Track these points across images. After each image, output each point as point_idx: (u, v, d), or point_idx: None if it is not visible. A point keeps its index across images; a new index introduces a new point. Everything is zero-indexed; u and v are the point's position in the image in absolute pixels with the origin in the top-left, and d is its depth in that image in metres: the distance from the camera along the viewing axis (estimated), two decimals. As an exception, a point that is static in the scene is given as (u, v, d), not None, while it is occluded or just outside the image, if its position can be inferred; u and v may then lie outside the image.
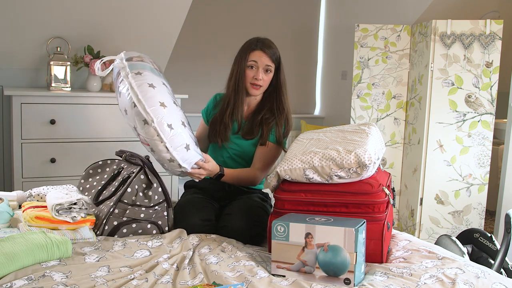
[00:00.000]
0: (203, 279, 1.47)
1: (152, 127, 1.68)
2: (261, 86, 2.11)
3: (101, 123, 3.09)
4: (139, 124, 1.70)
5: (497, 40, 3.21)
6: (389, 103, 3.63)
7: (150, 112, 1.68)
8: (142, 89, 1.72)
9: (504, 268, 2.28)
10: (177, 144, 1.74)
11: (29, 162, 2.95)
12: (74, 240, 1.68)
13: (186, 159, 1.79)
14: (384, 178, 1.81)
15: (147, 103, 1.69)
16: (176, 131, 1.73)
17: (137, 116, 1.70)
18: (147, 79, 1.76)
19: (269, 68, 2.09)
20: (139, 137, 1.78)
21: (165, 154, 1.74)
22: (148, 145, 1.75)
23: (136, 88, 1.72)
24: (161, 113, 1.70)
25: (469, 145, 3.30)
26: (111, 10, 3.12)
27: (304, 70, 5.30)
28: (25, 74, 3.29)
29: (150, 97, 1.71)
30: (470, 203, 3.34)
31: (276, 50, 2.12)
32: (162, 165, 1.84)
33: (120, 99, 1.79)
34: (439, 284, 1.44)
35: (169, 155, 1.74)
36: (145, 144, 1.77)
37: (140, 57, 1.90)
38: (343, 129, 2.02)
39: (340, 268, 1.44)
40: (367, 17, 4.37)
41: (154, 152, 1.76)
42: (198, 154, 1.85)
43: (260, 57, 2.08)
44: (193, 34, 4.58)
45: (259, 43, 2.10)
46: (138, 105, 1.69)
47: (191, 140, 1.82)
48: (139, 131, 1.73)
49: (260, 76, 2.08)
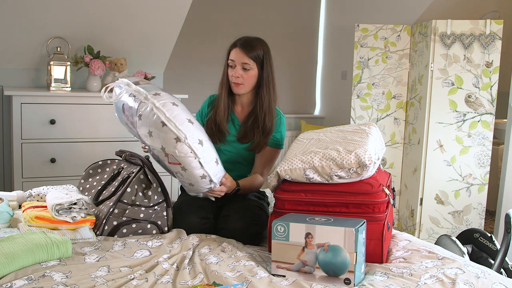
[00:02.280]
0: (203, 279, 1.47)
1: (185, 144, 1.66)
2: (242, 84, 2.09)
3: (101, 123, 3.09)
4: (170, 143, 1.66)
5: (497, 40, 3.21)
6: (389, 103, 3.63)
7: (182, 129, 1.66)
8: (167, 108, 1.68)
9: (504, 268, 2.28)
10: (209, 159, 1.75)
11: (29, 162, 2.95)
12: (74, 240, 1.68)
13: (216, 173, 1.80)
14: (384, 178, 1.81)
15: (176, 121, 1.66)
16: (206, 147, 1.73)
17: (167, 134, 1.66)
18: (168, 98, 1.73)
19: (247, 65, 2.06)
20: (167, 158, 1.74)
21: (198, 171, 1.73)
22: (179, 164, 1.72)
23: (161, 107, 1.68)
24: (191, 130, 1.68)
25: (469, 145, 3.30)
26: (111, 10, 3.12)
27: (304, 70, 5.30)
28: (25, 74, 3.29)
29: (177, 115, 1.68)
30: (470, 203, 3.34)
31: (259, 49, 2.08)
32: (188, 184, 1.84)
33: (141, 122, 1.73)
34: (439, 284, 1.44)
35: (203, 171, 1.74)
36: (175, 164, 1.73)
37: (143, 80, 1.90)
38: (343, 129, 2.02)
39: (340, 268, 1.44)
40: (367, 17, 4.37)
41: (185, 170, 1.74)
42: (223, 169, 1.87)
43: (237, 54, 2.07)
44: (193, 34, 4.58)
45: (240, 41, 2.09)
46: (168, 124, 1.65)
47: (217, 155, 1.83)
48: (169, 150, 1.68)
49: (237, 74, 2.07)
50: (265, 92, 2.11)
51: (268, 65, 2.11)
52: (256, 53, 2.07)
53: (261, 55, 2.09)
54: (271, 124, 2.13)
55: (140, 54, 3.47)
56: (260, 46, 2.10)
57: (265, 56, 2.09)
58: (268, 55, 2.11)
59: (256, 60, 2.07)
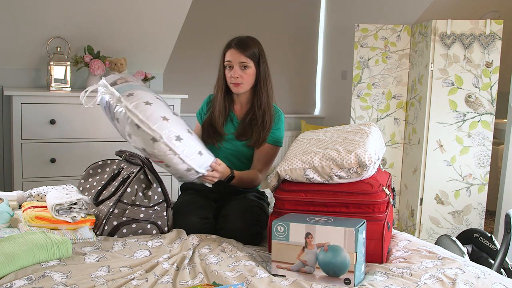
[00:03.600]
0: (203, 279, 1.47)
1: (162, 143, 1.68)
2: (242, 84, 2.10)
3: (101, 123, 3.09)
4: (148, 143, 1.69)
5: (497, 40, 3.21)
6: (389, 103, 3.63)
7: (156, 129, 1.67)
8: (140, 109, 1.69)
9: (504, 268, 2.27)
10: (190, 153, 1.75)
11: (29, 162, 2.95)
12: (74, 240, 1.68)
13: (201, 164, 1.80)
14: (384, 178, 1.81)
15: (150, 121, 1.68)
16: (186, 141, 1.73)
17: (143, 136, 1.68)
18: (141, 98, 1.74)
19: (245, 64, 2.08)
20: (150, 158, 1.78)
21: (182, 166, 1.74)
22: (162, 162, 1.74)
23: (134, 109, 1.69)
24: (166, 127, 1.69)
25: (469, 145, 3.30)
26: (111, 10, 3.12)
27: (304, 70, 5.31)
28: (25, 74, 3.29)
29: (151, 115, 1.69)
30: (470, 203, 3.34)
31: (254, 47, 2.10)
32: (178, 177, 1.85)
33: (120, 125, 1.76)
34: (439, 284, 1.44)
35: (186, 166, 1.75)
36: (159, 161, 1.76)
37: (122, 78, 1.89)
38: (343, 129, 2.02)
39: (340, 268, 1.44)
40: (367, 17, 4.37)
41: (169, 167, 1.75)
42: (211, 156, 1.87)
43: (233, 55, 2.08)
44: (193, 34, 4.58)
45: (233, 41, 2.11)
46: (142, 126, 1.67)
47: (201, 145, 1.84)
48: (149, 150, 1.71)
49: (236, 74, 2.09)
50: (262, 89, 2.14)
51: (264, 62, 2.14)
52: (252, 51, 2.09)
53: (257, 53, 2.11)
54: (270, 120, 2.14)
55: (140, 54, 3.47)
56: (254, 44, 2.12)
57: (260, 54, 2.12)
58: (263, 52, 2.14)
59: (253, 58, 2.10)
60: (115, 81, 1.86)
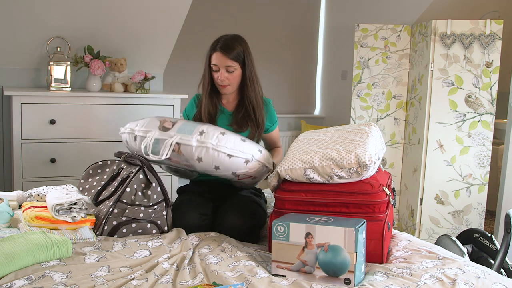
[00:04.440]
0: (203, 279, 1.47)
1: (256, 161, 1.90)
2: (229, 85, 2.16)
3: (101, 123, 3.09)
4: (242, 165, 1.88)
5: (497, 40, 3.21)
6: (389, 103, 3.63)
7: (246, 151, 1.88)
8: (223, 141, 1.86)
9: (504, 268, 2.28)
10: (268, 156, 1.99)
11: (29, 162, 2.95)
12: (74, 240, 1.68)
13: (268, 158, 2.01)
14: (385, 178, 1.81)
15: (237, 147, 1.87)
16: (263, 151, 1.97)
17: (237, 162, 1.87)
18: (215, 131, 1.89)
19: (230, 67, 2.12)
20: (238, 178, 1.94)
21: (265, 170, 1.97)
22: (250, 176, 1.94)
23: (220, 144, 1.85)
24: (250, 147, 1.91)
25: (469, 145, 3.30)
26: (111, 10, 3.12)
27: (304, 70, 5.30)
28: (25, 74, 3.28)
29: (234, 142, 1.88)
30: (470, 203, 3.34)
31: (239, 48, 2.13)
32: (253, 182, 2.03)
33: (203, 163, 1.88)
34: (439, 284, 1.44)
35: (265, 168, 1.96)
36: (247, 177, 1.94)
37: (173, 118, 2.01)
38: (343, 129, 2.02)
39: (340, 268, 1.44)
40: (367, 17, 4.37)
41: (255, 178, 1.97)
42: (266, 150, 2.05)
43: (219, 59, 2.12)
44: (193, 34, 4.58)
45: (218, 44, 2.14)
46: (235, 154, 1.86)
47: (254, 144, 2.00)
48: (242, 172, 1.90)
49: (222, 77, 2.14)
50: (250, 88, 2.19)
51: (249, 61, 2.18)
52: (236, 53, 2.12)
53: (242, 54, 2.14)
54: (262, 117, 2.22)
55: (140, 54, 3.47)
56: (239, 44, 2.15)
57: (245, 53, 2.15)
58: (247, 51, 2.18)
59: (237, 60, 2.13)
60: (166, 127, 1.95)
